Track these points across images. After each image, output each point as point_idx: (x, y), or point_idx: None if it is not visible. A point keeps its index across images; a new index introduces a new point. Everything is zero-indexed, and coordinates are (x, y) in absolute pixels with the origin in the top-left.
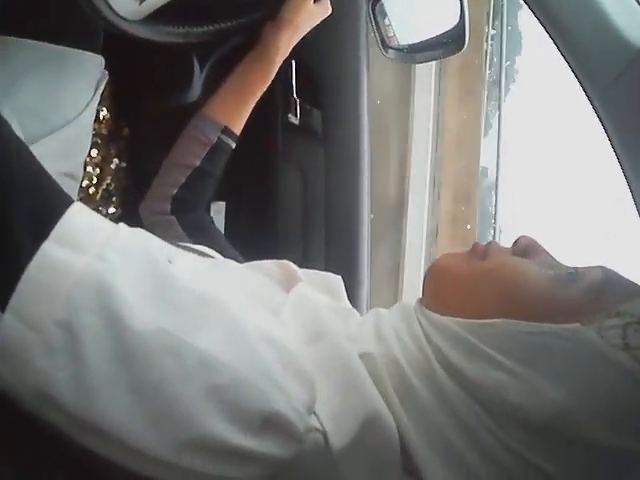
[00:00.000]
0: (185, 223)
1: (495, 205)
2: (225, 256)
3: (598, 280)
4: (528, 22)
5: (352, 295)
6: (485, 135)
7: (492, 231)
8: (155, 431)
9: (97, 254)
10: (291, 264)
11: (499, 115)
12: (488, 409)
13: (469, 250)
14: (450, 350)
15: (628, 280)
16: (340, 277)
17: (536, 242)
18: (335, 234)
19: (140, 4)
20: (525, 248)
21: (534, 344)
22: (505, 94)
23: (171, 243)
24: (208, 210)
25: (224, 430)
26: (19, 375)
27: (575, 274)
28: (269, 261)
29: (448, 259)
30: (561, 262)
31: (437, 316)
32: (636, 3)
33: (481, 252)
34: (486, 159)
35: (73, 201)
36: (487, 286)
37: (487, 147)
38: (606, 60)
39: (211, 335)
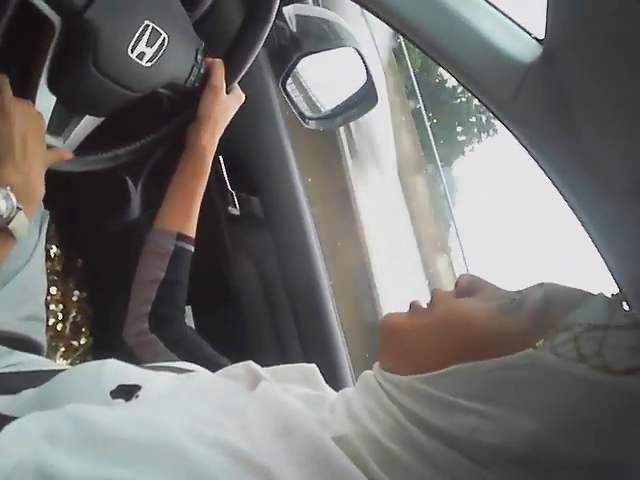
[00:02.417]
0: (166, 338)
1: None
2: (209, 363)
3: (539, 300)
4: None
5: (333, 367)
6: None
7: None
8: None
9: (29, 449)
10: (252, 364)
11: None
12: (469, 455)
13: (409, 309)
14: (417, 407)
15: (568, 288)
16: (314, 365)
17: (476, 277)
18: (301, 312)
19: (64, 142)
20: (467, 287)
21: (493, 381)
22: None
23: (148, 366)
24: None
25: None
26: None
27: (518, 300)
28: (237, 364)
29: (393, 318)
30: (505, 289)
31: (397, 377)
32: (515, 24)
33: (420, 309)
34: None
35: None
36: (437, 335)
37: None
38: (500, 81)
39: (148, 465)
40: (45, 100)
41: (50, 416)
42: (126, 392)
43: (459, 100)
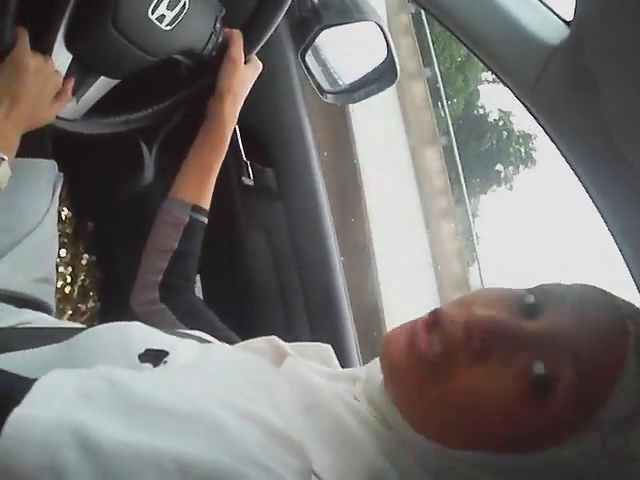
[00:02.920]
0: (177, 309)
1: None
2: (219, 338)
3: (571, 392)
4: None
5: (340, 343)
6: None
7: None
8: None
9: (64, 405)
10: (277, 339)
11: None
12: None
13: (410, 353)
14: (434, 466)
15: (599, 350)
16: (329, 345)
17: (494, 329)
18: (310, 287)
19: (77, 102)
20: (484, 347)
21: (513, 474)
22: None
23: (170, 331)
24: None
25: None
26: None
27: (545, 378)
28: (258, 339)
29: (394, 354)
30: (523, 339)
31: (413, 434)
32: (543, 5)
33: (425, 366)
34: None
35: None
36: (452, 417)
37: None
38: (525, 62)
39: (184, 435)
40: (61, 58)
41: (80, 374)
42: (154, 357)
43: (501, 132)
